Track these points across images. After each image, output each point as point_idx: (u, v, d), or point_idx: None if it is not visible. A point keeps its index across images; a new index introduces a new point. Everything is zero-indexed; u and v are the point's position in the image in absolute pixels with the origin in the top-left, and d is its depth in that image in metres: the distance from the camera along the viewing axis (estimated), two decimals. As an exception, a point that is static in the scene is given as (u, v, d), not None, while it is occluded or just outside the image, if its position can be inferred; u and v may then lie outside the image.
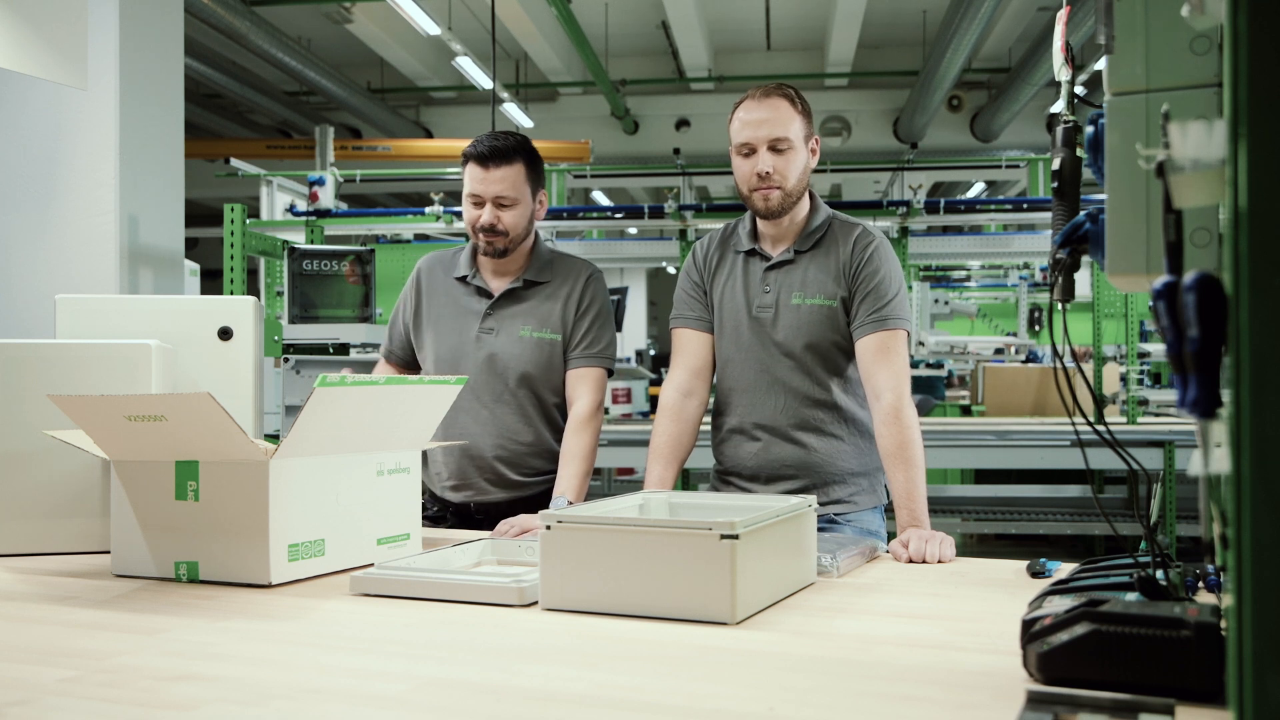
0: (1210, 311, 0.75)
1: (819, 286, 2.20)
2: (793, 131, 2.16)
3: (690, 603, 1.38)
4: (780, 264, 2.23)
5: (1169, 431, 5.79)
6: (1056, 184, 1.37)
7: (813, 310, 2.19)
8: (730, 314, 2.27)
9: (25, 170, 3.56)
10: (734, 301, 2.26)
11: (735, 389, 2.27)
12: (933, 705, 1.05)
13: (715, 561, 1.37)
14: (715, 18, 10.31)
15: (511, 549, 1.87)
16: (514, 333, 2.41)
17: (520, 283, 2.44)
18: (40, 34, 2.72)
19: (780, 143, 2.15)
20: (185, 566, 1.71)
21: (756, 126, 2.16)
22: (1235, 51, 0.70)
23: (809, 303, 2.20)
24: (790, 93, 2.20)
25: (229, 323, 2.30)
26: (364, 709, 1.07)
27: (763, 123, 2.15)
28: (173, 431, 1.69)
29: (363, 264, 3.22)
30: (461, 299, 2.47)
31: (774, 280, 2.23)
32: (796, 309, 2.20)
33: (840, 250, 2.21)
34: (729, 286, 2.28)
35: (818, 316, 2.19)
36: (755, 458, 2.24)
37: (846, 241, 2.21)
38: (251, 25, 8.22)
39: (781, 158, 2.16)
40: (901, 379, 2.12)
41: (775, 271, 2.24)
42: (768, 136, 2.15)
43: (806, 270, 2.21)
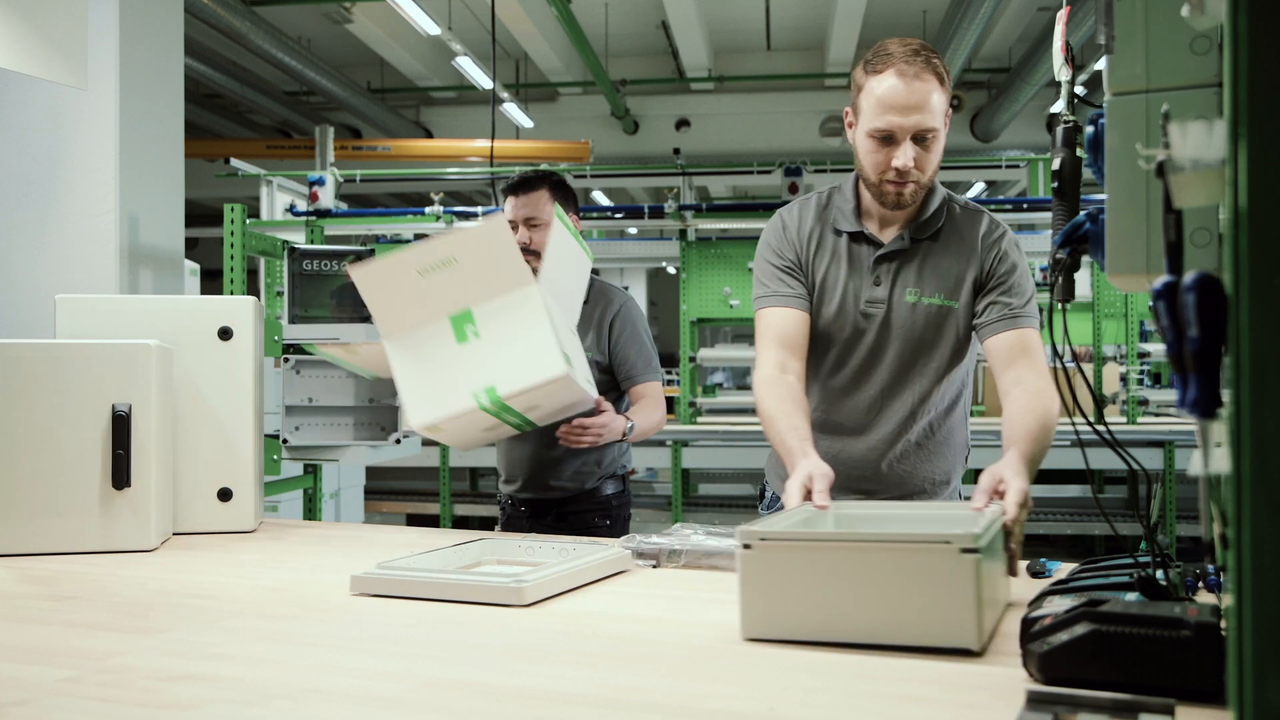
0: (1210, 311, 0.75)
1: (938, 283, 1.95)
2: (939, 118, 1.86)
3: (923, 628, 1.20)
4: (894, 253, 1.97)
5: (1169, 431, 5.79)
6: (1056, 184, 1.37)
7: (930, 311, 1.95)
8: (832, 303, 1.99)
9: (25, 170, 3.55)
10: (836, 289, 1.99)
11: (823, 383, 2.04)
12: (933, 705, 1.05)
13: (954, 580, 1.19)
14: (715, 18, 10.31)
15: (511, 549, 1.87)
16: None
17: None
18: (40, 34, 2.72)
19: (928, 133, 1.85)
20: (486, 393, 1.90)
21: (903, 113, 1.83)
22: (1235, 51, 0.70)
23: (925, 302, 1.95)
24: (938, 64, 1.86)
25: (229, 323, 2.30)
26: (364, 709, 1.07)
27: (910, 109, 1.82)
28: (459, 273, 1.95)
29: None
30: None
31: (885, 272, 1.97)
32: (912, 308, 1.95)
33: (965, 243, 1.96)
34: (833, 270, 2.00)
35: (935, 318, 1.95)
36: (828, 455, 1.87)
37: (972, 234, 1.96)
38: (251, 25, 8.22)
39: (925, 149, 1.87)
40: (1046, 373, 1.86)
41: (887, 262, 1.97)
42: (915, 126, 1.84)
43: (924, 263, 1.96)
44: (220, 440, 2.28)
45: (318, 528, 2.46)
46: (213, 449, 2.28)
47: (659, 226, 6.75)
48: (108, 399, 2.05)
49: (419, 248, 1.98)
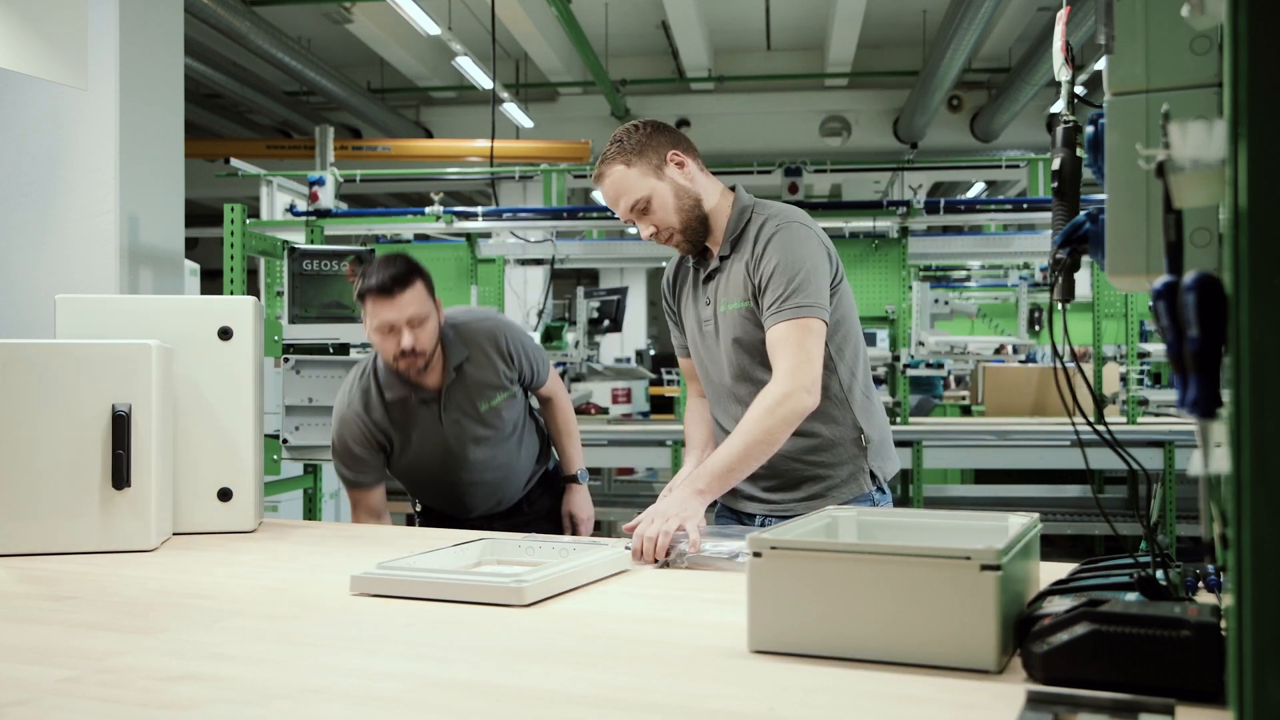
0: (1210, 311, 0.75)
1: (735, 290, 2.15)
2: (641, 187, 2.11)
3: (939, 647, 1.16)
4: (713, 272, 2.21)
5: (1169, 431, 5.79)
6: (1056, 184, 1.37)
7: (735, 314, 2.15)
8: (691, 333, 2.29)
9: (25, 170, 3.55)
10: (691, 320, 2.28)
11: (709, 398, 2.30)
12: (933, 705, 1.05)
13: (974, 598, 1.14)
14: (715, 18, 10.31)
15: (511, 549, 1.87)
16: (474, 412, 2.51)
17: (453, 374, 2.48)
18: (40, 34, 2.72)
19: (636, 206, 2.12)
20: None
21: (613, 205, 2.14)
22: (1235, 51, 0.70)
23: (730, 307, 2.16)
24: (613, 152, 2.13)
25: (229, 323, 2.30)
26: (364, 709, 1.07)
27: (614, 201, 2.13)
28: None
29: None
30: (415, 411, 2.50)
31: (710, 290, 2.21)
32: (725, 315, 2.17)
33: (746, 247, 2.15)
34: (688, 306, 2.30)
35: (739, 319, 2.14)
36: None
37: (750, 237, 2.15)
38: (251, 25, 8.21)
39: (650, 215, 2.13)
40: (796, 367, 2.00)
41: (711, 282, 2.21)
42: (625, 210, 2.13)
43: (729, 275, 2.17)
44: (220, 440, 2.28)
45: (317, 528, 2.46)
46: (213, 449, 2.28)
47: (659, 227, 6.73)
48: (108, 399, 2.05)
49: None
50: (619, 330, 7.57)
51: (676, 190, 2.13)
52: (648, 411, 10.50)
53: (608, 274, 14.20)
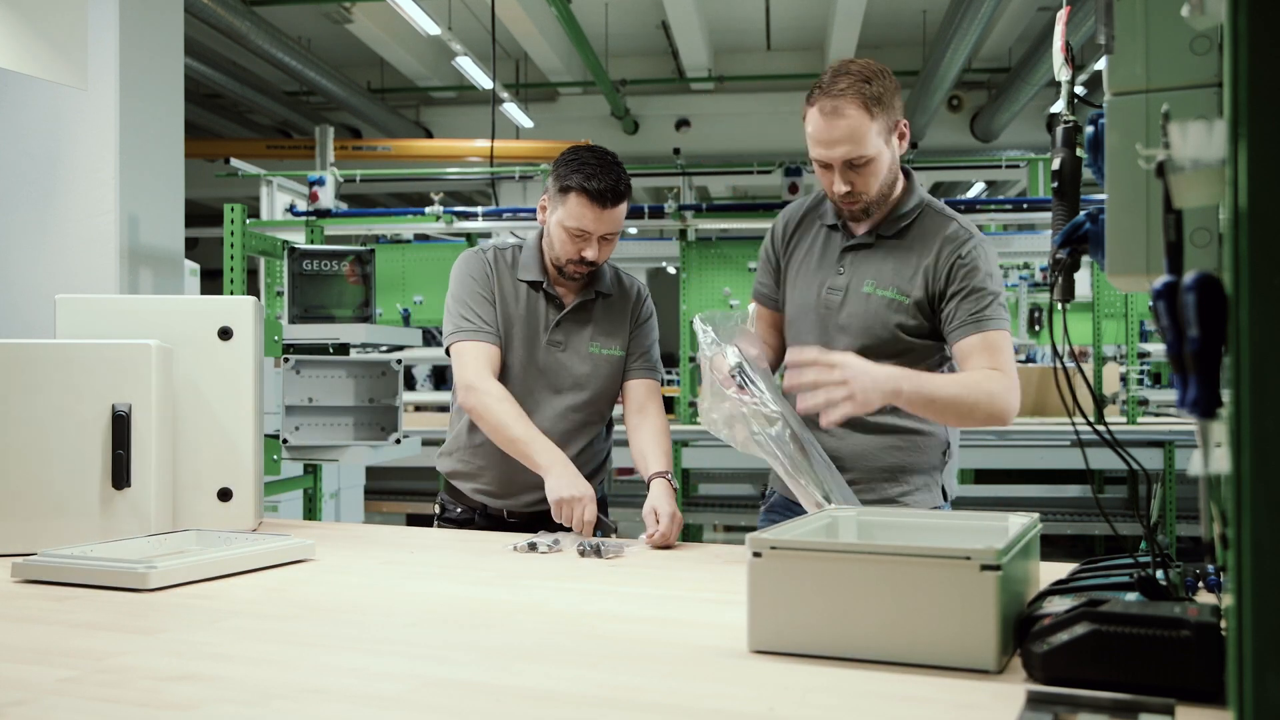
0: (1210, 311, 0.75)
1: (893, 279, 2.04)
2: (869, 145, 1.95)
3: (939, 647, 1.16)
4: (859, 246, 2.08)
5: (1169, 431, 5.79)
6: (1056, 184, 1.37)
7: (882, 302, 2.04)
8: (801, 290, 2.15)
9: (25, 170, 3.55)
10: (807, 277, 2.14)
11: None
12: (933, 705, 1.05)
13: (974, 598, 1.14)
14: (715, 18, 10.31)
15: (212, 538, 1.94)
16: (581, 348, 2.37)
17: (593, 294, 2.38)
18: (40, 34, 2.72)
19: (856, 160, 1.96)
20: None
21: (828, 146, 1.96)
22: (1235, 51, 0.70)
23: (879, 294, 2.05)
24: (862, 92, 1.94)
25: (229, 323, 2.30)
26: (364, 709, 1.07)
27: (835, 141, 1.95)
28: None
29: (363, 264, 3.21)
30: (534, 305, 2.38)
31: (850, 262, 2.09)
32: (866, 298, 2.05)
33: (926, 248, 2.04)
34: (806, 260, 2.16)
35: (886, 309, 2.04)
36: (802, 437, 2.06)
37: (935, 240, 2.04)
38: (251, 25, 8.22)
39: (860, 174, 1.98)
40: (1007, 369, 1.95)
41: (853, 253, 2.09)
42: (843, 157, 1.96)
43: (885, 259, 2.06)
44: (220, 440, 2.28)
45: (317, 528, 2.46)
46: (213, 449, 2.27)
47: (659, 226, 6.73)
48: (108, 399, 2.05)
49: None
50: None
51: (892, 163, 2.02)
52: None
53: (607, 274, 14.19)
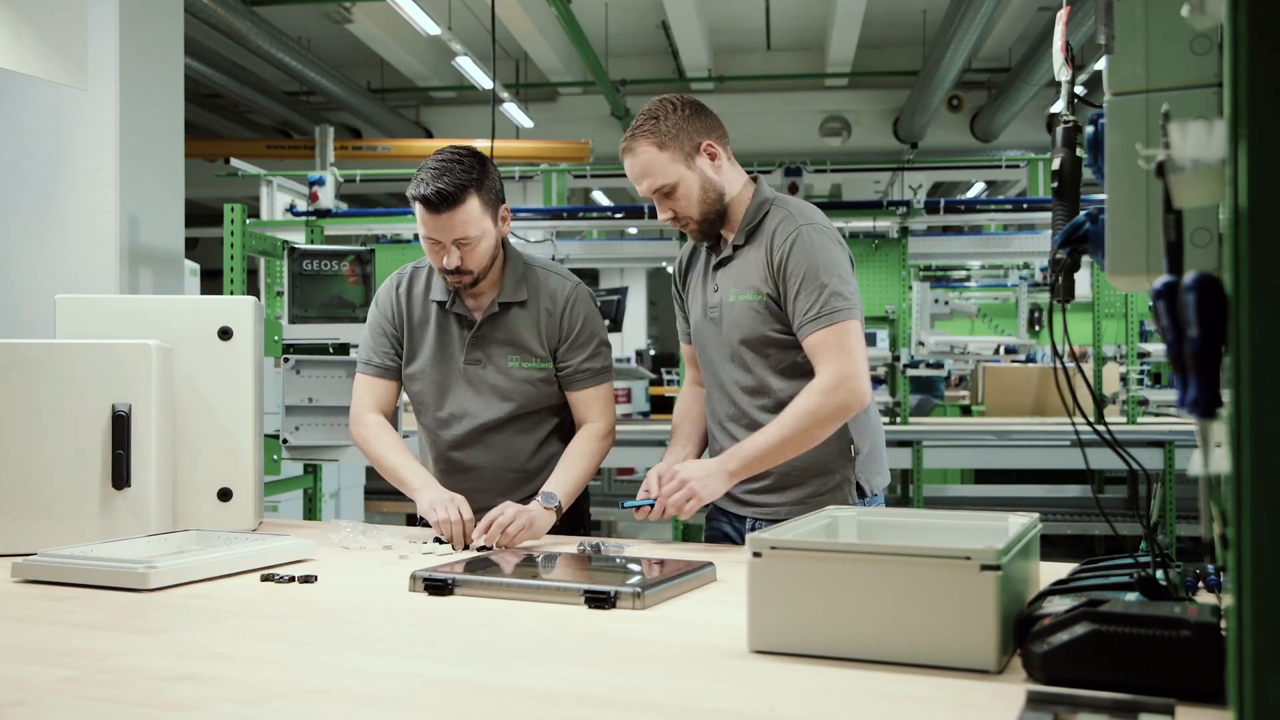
0: (1210, 311, 0.75)
1: (747, 282, 2.12)
2: (670, 172, 2.07)
3: (939, 647, 1.16)
4: (724, 261, 2.18)
5: (1169, 431, 5.79)
6: (1056, 184, 1.37)
7: (744, 307, 2.12)
8: (695, 317, 2.25)
9: (25, 170, 3.55)
10: (696, 304, 2.25)
11: (707, 386, 2.27)
12: (933, 705, 1.05)
13: (974, 598, 1.14)
14: (715, 18, 10.30)
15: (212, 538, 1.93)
16: (501, 363, 2.27)
17: (496, 307, 2.26)
18: (40, 34, 2.72)
19: (661, 189, 2.09)
20: None
21: (636, 182, 2.11)
22: (1235, 51, 0.70)
23: (741, 299, 2.13)
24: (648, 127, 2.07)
25: (229, 323, 2.30)
26: (364, 709, 1.07)
27: (638, 179, 2.09)
28: None
29: (363, 264, 3.21)
30: (445, 325, 2.30)
31: (721, 278, 2.18)
32: (733, 306, 2.14)
33: (762, 243, 2.12)
34: (695, 290, 2.27)
35: (748, 312, 2.11)
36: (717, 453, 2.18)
37: (768, 234, 2.11)
38: (251, 25, 8.21)
39: (673, 200, 2.10)
40: (847, 363, 2.01)
41: (722, 269, 2.18)
42: (648, 190, 2.09)
43: (741, 266, 2.15)
44: (220, 440, 2.28)
45: (317, 528, 2.46)
46: (213, 449, 2.27)
47: (659, 226, 6.73)
48: (108, 399, 2.05)
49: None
50: (619, 330, 7.56)
51: (703, 182, 2.10)
52: (648, 411, 10.50)
53: (608, 274, 14.20)
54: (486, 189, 2.17)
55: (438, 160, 2.15)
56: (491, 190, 2.19)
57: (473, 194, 2.14)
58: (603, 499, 6.89)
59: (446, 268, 2.18)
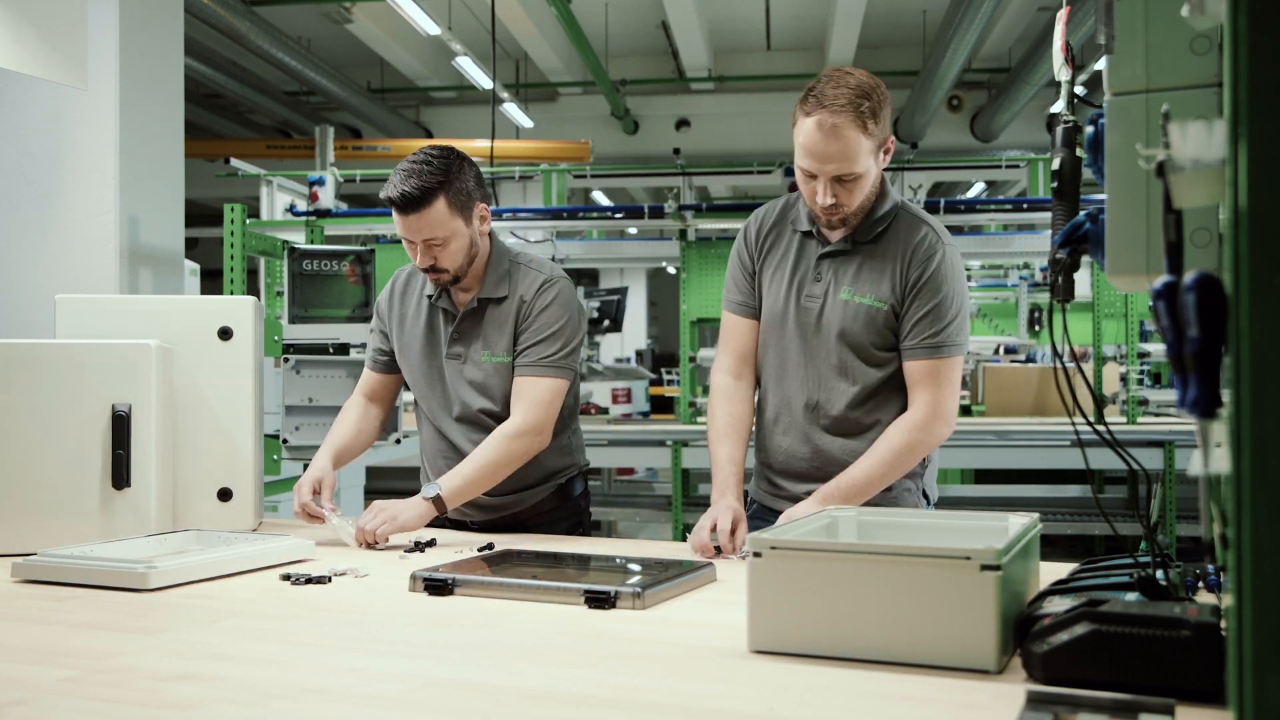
0: (1210, 311, 0.75)
1: (871, 286, 2.05)
2: (860, 163, 1.94)
3: (939, 647, 1.16)
4: (836, 253, 2.08)
5: (1169, 431, 5.79)
6: (1056, 184, 1.37)
7: (860, 309, 2.05)
8: (776, 298, 2.13)
9: (25, 170, 3.55)
10: (782, 285, 2.12)
11: (772, 377, 2.15)
12: (933, 705, 1.05)
13: (974, 598, 1.14)
14: (715, 18, 10.30)
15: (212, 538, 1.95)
16: (476, 357, 2.27)
17: (475, 303, 2.27)
18: (40, 34, 2.72)
19: (846, 176, 1.96)
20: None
21: (821, 160, 1.95)
22: (1235, 51, 0.70)
23: (857, 300, 2.05)
24: (852, 109, 1.92)
25: (229, 323, 2.30)
26: (364, 709, 1.07)
27: (828, 159, 1.94)
28: None
29: (363, 264, 3.21)
30: (434, 320, 2.33)
31: (827, 269, 2.08)
32: (844, 305, 2.05)
33: (900, 252, 2.04)
34: (781, 268, 2.14)
35: (864, 316, 2.04)
36: (784, 453, 2.13)
37: (908, 244, 2.04)
38: (251, 25, 8.21)
39: (846, 188, 1.98)
40: (942, 401, 2.02)
41: (830, 260, 2.09)
42: (833, 174, 1.95)
43: (862, 265, 2.06)
44: (220, 440, 2.28)
45: (317, 528, 2.45)
46: (213, 449, 2.27)
47: (659, 226, 6.73)
48: (108, 399, 2.05)
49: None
50: (619, 330, 7.56)
51: (878, 178, 2.04)
52: (648, 411, 10.49)
53: (608, 274, 14.20)
54: (456, 190, 2.16)
55: (410, 161, 2.16)
56: (463, 191, 2.18)
57: (439, 196, 2.13)
58: (603, 499, 6.89)
59: (421, 266, 2.22)
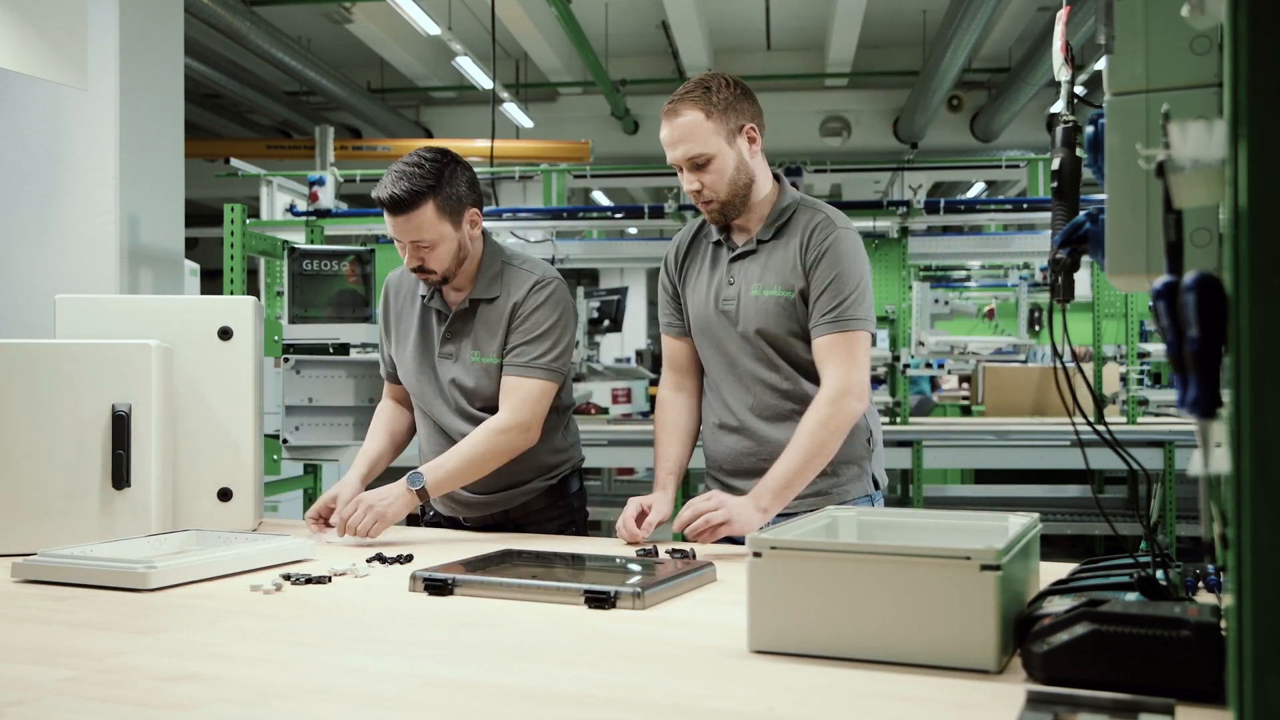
0: (1210, 311, 0.75)
1: (776, 277, 2.12)
2: (710, 143, 2.06)
3: (939, 647, 1.16)
4: (744, 254, 2.17)
5: (1169, 431, 5.78)
6: (1056, 184, 1.37)
7: (770, 301, 2.12)
8: (699, 308, 2.22)
9: (25, 170, 3.55)
10: (701, 295, 2.22)
11: (711, 384, 2.25)
12: (933, 705, 1.05)
13: (974, 598, 1.14)
14: (715, 18, 10.30)
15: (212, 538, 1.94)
16: (465, 358, 2.30)
17: (466, 303, 2.29)
18: (40, 34, 2.72)
19: (697, 159, 2.07)
20: None
21: (671, 146, 2.09)
22: (1235, 51, 0.70)
23: (767, 294, 2.12)
24: (698, 95, 2.06)
25: (229, 323, 2.30)
26: (364, 709, 1.07)
27: (675, 142, 2.07)
28: None
29: (363, 264, 3.21)
30: (427, 320, 2.36)
31: (738, 271, 2.17)
32: (756, 300, 2.13)
33: (797, 239, 2.12)
34: (699, 279, 2.24)
35: (775, 307, 2.11)
36: (731, 451, 2.20)
37: (805, 230, 2.12)
38: (251, 25, 8.21)
39: (705, 173, 2.08)
40: (850, 372, 2.05)
41: (740, 262, 2.17)
42: (683, 156, 2.07)
43: (767, 260, 2.15)
44: (220, 440, 2.28)
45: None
46: (213, 449, 2.27)
47: (659, 226, 6.73)
48: (108, 399, 2.05)
49: None
50: (619, 330, 7.56)
51: (739, 163, 2.10)
52: (648, 411, 10.48)
53: (608, 274, 14.19)
54: (446, 195, 2.19)
55: (404, 163, 2.19)
56: (453, 196, 2.20)
57: (428, 200, 2.16)
58: (602, 499, 6.89)
59: (409, 267, 2.25)
